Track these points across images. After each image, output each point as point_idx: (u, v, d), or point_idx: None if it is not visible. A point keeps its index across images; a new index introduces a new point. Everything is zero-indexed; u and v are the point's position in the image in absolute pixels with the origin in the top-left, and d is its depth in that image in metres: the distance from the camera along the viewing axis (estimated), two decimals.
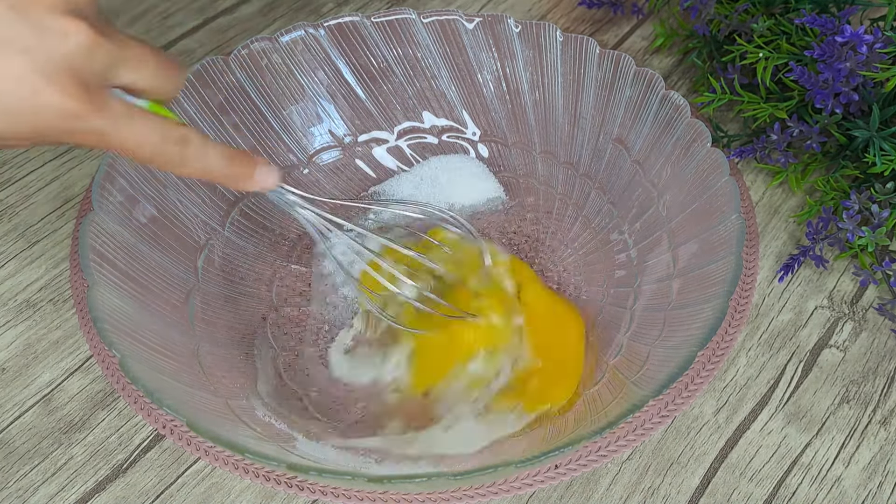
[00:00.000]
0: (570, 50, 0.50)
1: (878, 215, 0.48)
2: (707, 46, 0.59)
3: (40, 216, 0.54)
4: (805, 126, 0.51)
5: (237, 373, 0.44)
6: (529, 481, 0.40)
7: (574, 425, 0.40)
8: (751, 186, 0.55)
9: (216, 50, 0.64)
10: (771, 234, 0.53)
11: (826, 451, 0.44)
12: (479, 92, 0.53)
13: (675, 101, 0.46)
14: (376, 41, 0.52)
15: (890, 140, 0.49)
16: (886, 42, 0.47)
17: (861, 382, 0.47)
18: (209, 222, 0.48)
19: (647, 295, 0.45)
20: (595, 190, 0.51)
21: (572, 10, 0.67)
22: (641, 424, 0.42)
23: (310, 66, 0.52)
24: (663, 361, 0.39)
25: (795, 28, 0.53)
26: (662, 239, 0.46)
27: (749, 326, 0.49)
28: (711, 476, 0.43)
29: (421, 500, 0.39)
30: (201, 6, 0.67)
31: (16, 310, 0.50)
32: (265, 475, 0.40)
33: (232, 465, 0.40)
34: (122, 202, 0.43)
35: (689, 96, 0.60)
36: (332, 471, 0.34)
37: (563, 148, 0.52)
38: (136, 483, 0.43)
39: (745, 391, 0.46)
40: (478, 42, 0.52)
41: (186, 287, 0.45)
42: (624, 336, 0.44)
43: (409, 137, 0.55)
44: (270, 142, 0.52)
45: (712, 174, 0.43)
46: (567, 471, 0.40)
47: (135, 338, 0.39)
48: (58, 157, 0.57)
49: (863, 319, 0.49)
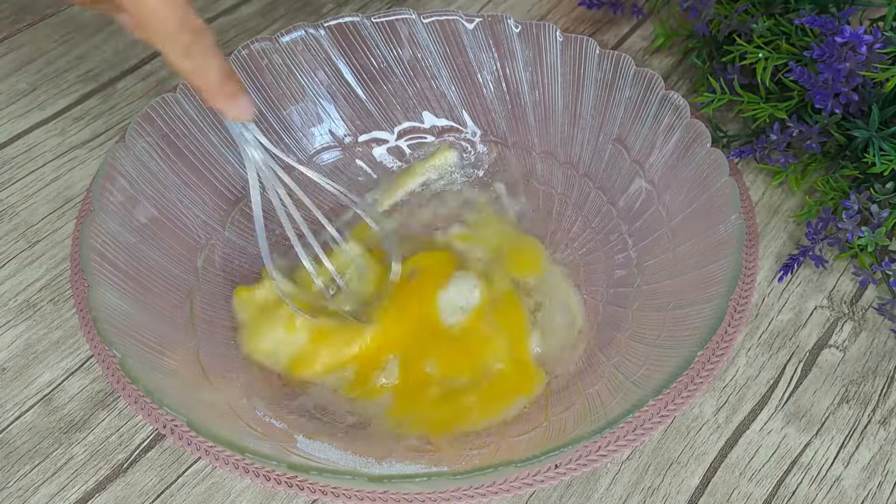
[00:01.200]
0: (570, 50, 0.50)
1: (877, 215, 0.48)
2: (707, 47, 0.59)
3: (41, 216, 0.54)
4: (805, 126, 0.51)
5: (237, 373, 0.44)
6: (529, 481, 0.40)
7: (574, 425, 0.40)
8: (750, 186, 0.55)
9: None
10: (771, 234, 0.53)
11: (826, 451, 0.44)
12: (479, 92, 0.53)
13: (675, 102, 0.46)
14: (376, 41, 0.52)
15: (889, 140, 0.49)
16: (886, 42, 0.47)
17: (861, 382, 0.47)
18: (209, 222, 0.48)
19: (647, 295, 0.45)
20: (595, 190, 0.51)
21: (572, 11, 0.67)
22: (641, 424, 0.42)
23: (310, 67, 0.52)
24: (663, 361, 0.39)
25: (795, 28, 0.53)
26: (662, 239, 0.46)
27: (749, 326, 0.49)
28: (711, 476, 0.44)
29: (421, 499, 0.39)
30: (201, 6, 0.68)
31: (16, 310, 0.50)
32: (265, 475, 0.40)
33: (232, 465, 0.40)
34: (123, 202, 0.43)
35: (688, 96, 0.60)
36: (332, 470, 0.34)
37: (562, 148, 0.52)
38: (137, 483, 0.43)
39: (745, 391, 0.46)
40: (478, 42, 0.52)
41: (186, 287, 0.45)
42: (624, 336, 0.44)
43: (409, 137, 0.55)
44: (270, 142, 0.52)
45: (712, 174, 0.43)
46: (567, 470, 0.40)
47: (135, 338, 0.39)
48: (58, 158, 0.57)
49: (862, 319, 0.49)
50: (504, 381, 0.45)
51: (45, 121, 0.60)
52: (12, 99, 0.61)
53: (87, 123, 0.59)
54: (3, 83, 0.62)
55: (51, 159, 0.57)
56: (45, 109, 0.60)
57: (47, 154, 0.57)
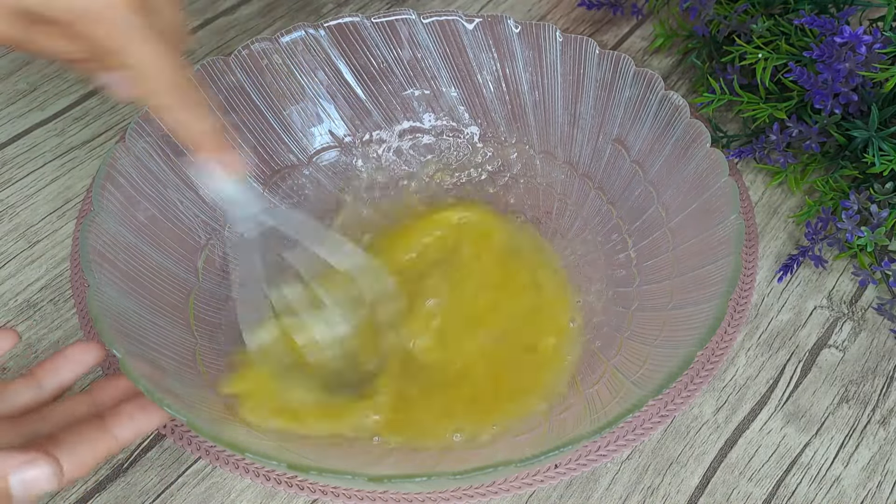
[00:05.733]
0: (570, 50, 0.50)
1: (877, 215, 0.48)
2: (706, 47, 0.59)
3: (41, 216, 0.54)
4: (804, 126, 0.51)
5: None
6: (529, 481, 0.40)
7: (574, 425, 0.40)
8: (750, 187, 0.55)
9: (216, 50, 0.64)
10: (770, 234, 0.53)
11: (825, 451, 0.44)
12: (479, 92, 0.53)
13: (675, 102, 0.46)
14: (376, 42, 0.52)
15: (889, 140, 0.49)
16: (885, 42, 0.47)
17: (860, 382, 0.47)
18: (209, 222, 0.48)
19: (647, 295, 0.45)
20: (594, 190, 0.51)
21: (572, 11, 0.67)
22: (641, 424, 0.42)
23: (310, 67, 0.52)
24: (663, 361, 0.39)
25: (795, 29, 0.53)
26: (662, 239, 0.46)
27: (748, 326, 0.49)
28: (711, 476, 0.44)
29: (421, 499, 0.39)
30: (201, 7, 0.68)
31: (16, 310, 0.50)
32: (265, 474, 0.40)
33: (232, 465, 0.40)
34: (123, 202, 0.43)
35: (688, 97, 0.60)
36: (332, 470, 0.34)
37: (562, 148, 0.52)
38: (137, 482, 0.43)
39: (745, 391, 0.46)
40: (478, 42, 0.52)
41: (186, 287, 0.45)
42: (624, 336, 0.44)
43: (409, 137, 0.55)
44: (271, 142, 0.52)
45: (712, 174, 0.43)
46: (567, 470, 0.40)
47: (135, 338, 0.39)
48: (58, 158, 0.57)
49: (862, 319, 0.49)
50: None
51: (45, 121, 0.60)
52: (12, 99, 0.61)
53: (87, 123, 0.59)
54: (3, 83, 0.62)
55: (51, 159, 0.57)
56: (45, 109, 0.60)
57: (47, 154, 0.57)
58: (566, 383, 0.44)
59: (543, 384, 0.44)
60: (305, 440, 0.40)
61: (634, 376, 0.40)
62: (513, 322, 0.46)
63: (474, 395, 0.44)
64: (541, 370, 0.44)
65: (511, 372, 0.45)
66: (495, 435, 0.42)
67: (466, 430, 0.42)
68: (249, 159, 0.50)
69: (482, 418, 0.42)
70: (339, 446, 0.41)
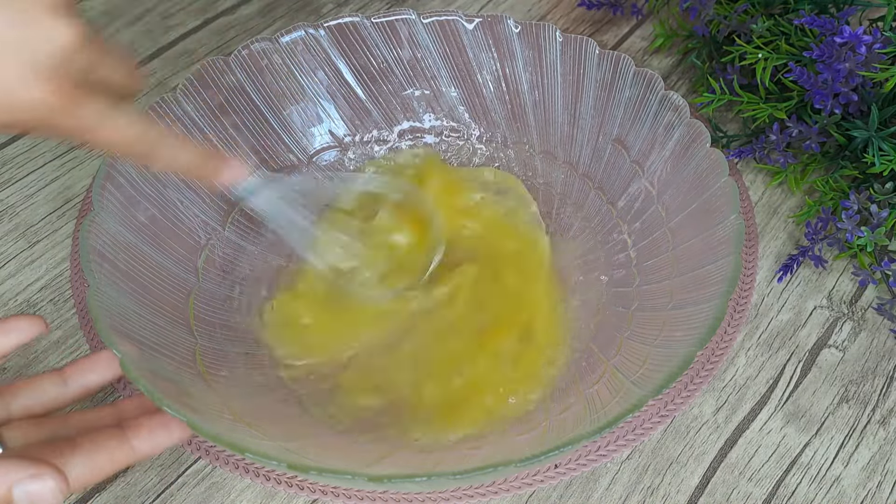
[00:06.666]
0: (570, 50, 0.50)
1: (877, 215, 0.48)
2: (706, 47, 0.59)
3: (41, 216, 0.54)
4: (804, 126, 0.51)
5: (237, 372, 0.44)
6: (529, 481, 0.40)
7: (574, 425, 0.40)
8: (750, 186, 0.55)
9: (216, 50, 0.64)
10: (770, 234, 0.53)
11: (825, 451, 0.44)
12: (479, 92, 0.53)
13: (675, 102, 0.46)
14: (376, 42, 0.52)
15: (889, 140, 0.49)
16: (885, 42, 0.47)
17: (860, 382, 0.47)
18: (209, 222, 0.48)
19: (647, 295, 0.45)
20: (594, 190, 0.51)
21: (572, 11, 0.67)
22: (641, 424, 0.42)
23: (310, 67, 0.52)
24: (663, 361, 0.39)
25: (794, 29, 0.53)
26: (662, 239, 0.46)
27: (748, 326, 0.49)
28: (711, 476, 0.44)
29: (421, 499, 0.39)
30: (201, 7, 0.68)
31: (16, 310, 0.50)
32: (265, 474, 0.40)
33: (232, 465, 0.40)
34: (123, 202, 0.43)
35: (688, 97, 0.60)
36: (332, 470, 0.34)
37: (562, 148, 0.52)
38: (137, 482, 0.43)
39: (745, 391, 0.46)
40: (478, 42, 0.52)
41: (186, 287, 0.45)
42: (624, 336, 0.44)
43: (409, 137, 0.55)
44: (270, 142, 0.52)
45: (711, 174, 0.43)
46: (567, 470, 0.40)
47: (135, 338, 0.39)
48: (58, 158, 0.57)
49: (862, 319, 0.49)
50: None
51: None
52: None
53: None
54: None
55: (51, 159, 0.57)
56: None
57: (47, 154, 0.57)
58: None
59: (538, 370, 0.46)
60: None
61: (634, 376, 0.40)
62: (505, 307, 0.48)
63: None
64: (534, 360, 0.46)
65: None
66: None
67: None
68: (249, 159, 0.50)
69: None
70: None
